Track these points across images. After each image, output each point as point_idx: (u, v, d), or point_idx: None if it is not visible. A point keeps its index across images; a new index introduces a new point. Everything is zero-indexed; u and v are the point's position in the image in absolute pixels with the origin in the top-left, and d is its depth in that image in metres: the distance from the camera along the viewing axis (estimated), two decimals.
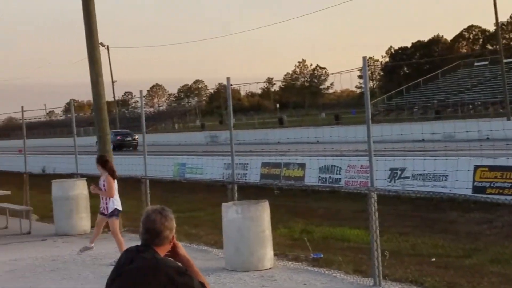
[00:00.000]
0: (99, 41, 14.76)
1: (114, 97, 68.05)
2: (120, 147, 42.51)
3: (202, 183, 19.16)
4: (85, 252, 10.71)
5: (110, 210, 10.06)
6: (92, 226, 13.55)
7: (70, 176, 15.11)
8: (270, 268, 9.12)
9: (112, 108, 65.04)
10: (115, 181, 10.18)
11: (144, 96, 14.21)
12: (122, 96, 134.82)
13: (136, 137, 44.48)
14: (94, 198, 14.30)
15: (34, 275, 9.60)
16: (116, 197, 10.14)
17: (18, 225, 13.72)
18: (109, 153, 14.09)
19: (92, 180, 14.28)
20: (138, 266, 3.54)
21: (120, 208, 10.13)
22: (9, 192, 14.27)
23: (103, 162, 10.27)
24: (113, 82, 67.08)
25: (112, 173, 10.15)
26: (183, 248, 3.74)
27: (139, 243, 3.66)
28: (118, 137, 45.76)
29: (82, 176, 14.45)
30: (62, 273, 9.73)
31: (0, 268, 10.13)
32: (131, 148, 44.32)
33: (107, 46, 64.03)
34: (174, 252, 3.71)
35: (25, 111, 16.64)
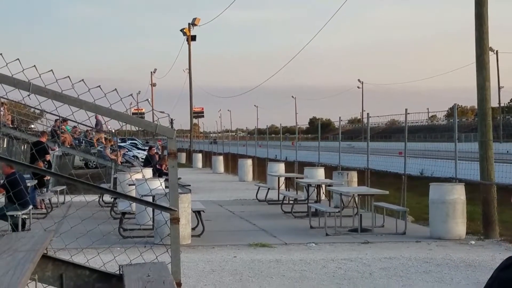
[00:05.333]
0: (489, 46, 14.42)
1: (499, 103, 65.97)
2: None
3: None
4: None
5: None
6: (468, 232, 13.27)
7: (448, 180, 14.96)
8: None
9: (497, 114, 63.13)
10: None
11: None
12: (508, 103, 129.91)
13: None
14: (471, 205, 13.98)
15: (407, 275, 9.70)
16: None
17: (394, 224, 14.05)
18: (490, 159, 13.67)
19: (469, 186, 13.99)
20: (510, 275, 3.30)
21: None
22: (387, 192, 14.66)
23: None
24: (499, 88, 65.07)
25: None
26: None
27: None
28: None
29: (460, 181, 14.21)
30: (434, 275, 9.67)
31: (375, 265, 10.47)
32: None
33: (496, 51, 62.35)
34: None
35: (408, 113, 16.95)
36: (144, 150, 43.92)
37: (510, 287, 3.26)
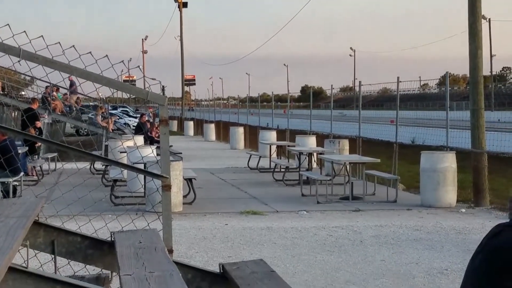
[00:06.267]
0: (481, 14, 14.36)
1: (491, 71, 66.05)
2: None
3: None
4: None
5: None
6: (458, 200, 13.36)
7: (439, 148, 15.01)
8: None
9: (488, 83, 63.21)
10: None
11: None
12: (500, 71, 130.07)
13: None
14: (462, 173, 14.05)
15: (397, 243, 9.77)
16: None
17: (385, 192, 14.12)
18: (482, 128, 13.72)
19: (460, 154, 14.04)
20: (498, 243, 3.32)
21: None
22: (378, 160, 14.70)
23: None
24: (491, 56, 65.03)
25: None
26: None
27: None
28: None
29: (451, 149, 14.26)
30: (425, 243, 9.74)
31: (366, 232, 10.53)
32: None
33: (489, 19, 62.19)
34: None
35: (400, 82, 16.93)
36: (135, 117, 43.83)
37: (498, 254, 3.29)
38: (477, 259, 3.45)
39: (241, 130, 32.08)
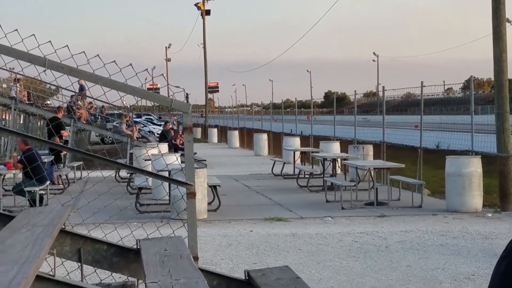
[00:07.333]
0: (506, 17, 14.26)
1: None
2: None
3: None
4: None
5: None
6: (484, 205, 13.24)
7: (465, 153, 14.89)
8: None
9: None
10: None
11: None
12: None
13: None
14: (487, 177, 13.92)
15: (423, 248, 9.70)
16: None
17: (410, 198, 14.03)
18: (507, 131, 13.60)
19: (486, 158, 13.92)
20: None
21: None
22: (403, 165, 14.62)
23: None
24: None
25: None
26: None
27: None
28: None
29: (476, 153, 14.15)
30: (451, 248, 9.67)
31: (391, 238, 10.47)
32: None
33: None
34: None
35: (424, 86, 16.83)
36: (159, 125, 44.05)
37: None
38: (503, 264, 3.43)
39: (264, 136, 32.09)
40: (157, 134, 35.91)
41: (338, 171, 18.09)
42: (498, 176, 13.69)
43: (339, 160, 17.84)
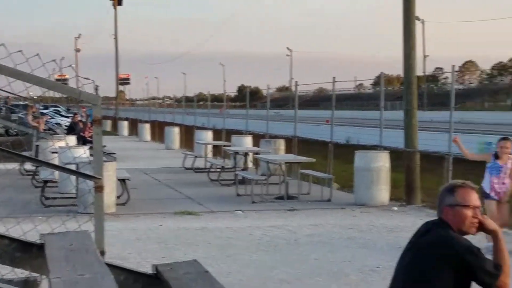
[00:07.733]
0: (415, 15, 14.66)
1: (424, 72, 67.62)
2: None
3: None
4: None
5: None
6: (391, 199, 13.58)
7: (373, 148, 15.24)
8: None
9: (422, 83, 64.63)
10: None
11: (456, 71, 13.75)
12: (432, 71, 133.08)
13: None
14: (395, 172, 14.29)
15: (332, 242, 9.86)
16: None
17: (320, 192, 14.23)
18: (414, 127, 13.99)
19: (394, 153, 14.27)
20: (430, 239, 3.48)
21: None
22: (314, 160, 14.81)
23: None
24: (425, 56, 66.49)
25: None
26: (493, 224, 3.54)
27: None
28: None
29: (385, 148, 14.49)
30: (358, 241, 9.86)
31: (300, 232, 10.59)
32: None
33: (422, 20, 63.61)
34: (483, 228, 3.58)
35: (336, 82, 17.09)
36: (67, 117, 43.05)
37: (426, 251, 3.43)
38: (407, 256, 3.56)
39: (176, 130, 31.85)
40: (65, 126, 35.05)
41: (250, 165, 18.16)
42: (404, 170, 14.07)
43: (250, 154, 17.91)
